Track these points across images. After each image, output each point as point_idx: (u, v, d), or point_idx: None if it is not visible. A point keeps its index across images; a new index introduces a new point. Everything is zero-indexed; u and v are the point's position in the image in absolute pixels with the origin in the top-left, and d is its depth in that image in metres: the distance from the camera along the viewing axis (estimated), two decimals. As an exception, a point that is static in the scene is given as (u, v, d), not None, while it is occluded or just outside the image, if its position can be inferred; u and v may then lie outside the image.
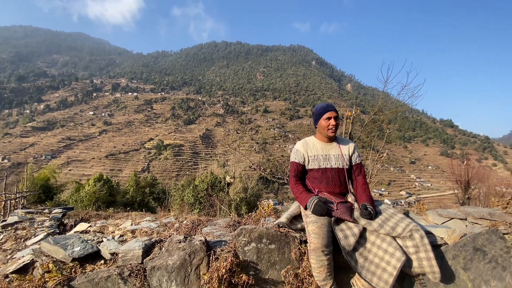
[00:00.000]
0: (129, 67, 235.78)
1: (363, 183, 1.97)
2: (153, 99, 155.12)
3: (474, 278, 1.83)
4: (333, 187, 1.94)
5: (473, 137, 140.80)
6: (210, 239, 1.89)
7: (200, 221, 2.17)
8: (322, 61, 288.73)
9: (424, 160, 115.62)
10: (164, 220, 2.28)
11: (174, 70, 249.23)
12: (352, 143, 2.09)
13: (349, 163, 2.03)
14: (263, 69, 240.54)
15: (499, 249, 1.87)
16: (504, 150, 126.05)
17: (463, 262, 1.82)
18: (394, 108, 6.34)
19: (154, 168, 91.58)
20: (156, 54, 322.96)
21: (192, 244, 1.66)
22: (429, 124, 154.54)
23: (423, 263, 1.60)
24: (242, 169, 33.58)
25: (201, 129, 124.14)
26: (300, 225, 1.91)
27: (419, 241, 1.62)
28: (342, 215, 1.74)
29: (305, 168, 2.02)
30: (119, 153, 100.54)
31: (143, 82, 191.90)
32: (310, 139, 2.11)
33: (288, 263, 1.74)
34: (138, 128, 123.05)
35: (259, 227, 1.72)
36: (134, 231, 2.04)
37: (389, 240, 1.66)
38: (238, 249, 1.70)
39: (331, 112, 1.95)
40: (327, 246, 1.58)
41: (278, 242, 1.74)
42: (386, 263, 1.60)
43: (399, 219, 1.74)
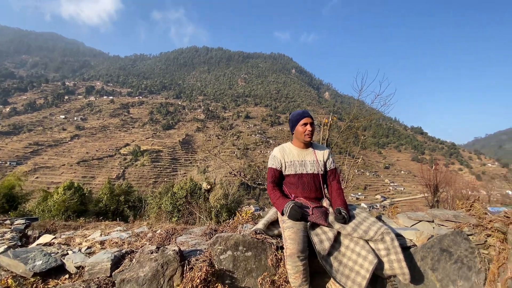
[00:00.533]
0: (105, 70, 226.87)
1: (338, 188, 2.02)
2: (130, 103, 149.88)
3: (442, 278, 1.92)
4: (309, 192, 1.98)
5: (441, 143, 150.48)
6: (184, 249, 1.83)
7: (175, 230, 2.09)
8: (302, 69, 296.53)
9: (397, 165, 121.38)
10: (136, 230, 2.17)
11: (153, 74, 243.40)
12: (327, 149, 2.14)
13: (324, 168, 2.08)
14: (245, 75, 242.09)
15: (464, 250, 1.98)
16: (468, 156, 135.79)
17: (431, 263, 1.90)
18: (368, 116, 6.62)
19: (130, 175, 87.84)
20: (134, 57, 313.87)
21: (165, 255, 1.60)
22: (401, 131, 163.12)
23: (393, 265, 1.66)
24: (223, 175, 33.21)
25: (180, 134, 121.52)
26: (277, 231, 1.91)
27: (390, 244, 1.68)
28: (317, 219, 1.77)
29: (282, 174, 2.05)
30: (92, 159, 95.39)
31: (119, 85, 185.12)
32: (287, 145, 2.14)
33: (265, 270, 1.72)
34: (113, 133, 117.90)
35: (235, 234, 1.69)
36: (103, 242, 1.93)
37: (362, 243, 1.71)
38: (214, 258, 1.66)
39: (307, 118, 1.99)
40: (303, 251, 1.59)
41: (255, 249, 1.72)
42: (360, 266, 1.64)
43: (371, 223, 1.79)
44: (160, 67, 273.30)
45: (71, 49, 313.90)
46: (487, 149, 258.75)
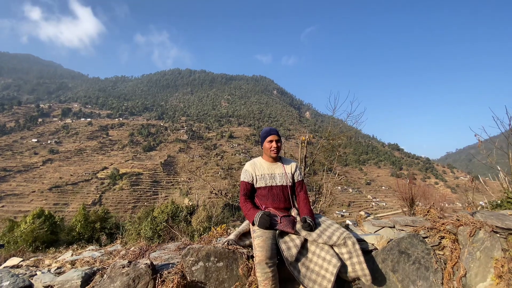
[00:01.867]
0: (83, 92, 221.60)
1: (304, 198, 2.18)
2: (110, 125, 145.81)
3: (403, 279, 2.07)
4: (278, 203, 2.12)
5: (416, 158, 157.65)
6: (157, 263, 1.86)
7: (149, 247, 2.11)
8: (283, 90, 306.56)
9: (378, 181, 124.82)
10: (109, 248, 2.17)
11: (134, 95, 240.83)
12: (294, 163, 2.32)
13: (292, 180, 2.24)
14: (228, 96, 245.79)
15: (420, 251, 2.16)
16: (442, 170, 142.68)
17: (391, 264, 2.06)
18: (342, 133, 7.03)
19: (107, 200, 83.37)
20: (115, 79, 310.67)
21: (137, 268, 1.63)
22: (379, 148, 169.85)
23: (356, 267, 1.79)
24: (206, 197, 32.47)
25: (162, 155, 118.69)
26: (248, 241, 2.00)
27: (352, 248, 1.82)
28: (285, 227, 1.89)
29: (254, 187, 2.18)
30: (66, 185, 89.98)
31: (98, 107, 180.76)
32: (257, 160, 2.30)
33: (236, 280, 1.79)
34: (90, 156, 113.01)
35: (206, 245, 1.77)
36: (74, 262, 1.91)
37: (327, 248, 1.84)
38: (186, 270, 1.71)
39: (272, 135, 2.18)
40: (271, 258, 1.69)
41: (226, 260, 1.79)
42: (325, 270, 1.76)
43: (335, 229, 1.94)
44: (142, 88, 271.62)
45: (48, 71, 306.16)
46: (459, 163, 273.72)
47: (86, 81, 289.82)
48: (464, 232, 2.20)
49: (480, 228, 2.17)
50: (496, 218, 2.26)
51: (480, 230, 2.16)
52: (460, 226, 2.26)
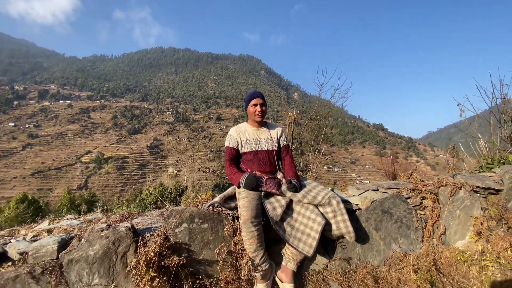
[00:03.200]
0: (60, 72, 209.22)
1: (290, 162, 2.15)
2: (91, 107, 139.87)
3: (385, 237, 2.13)
4: (264, 167, 2.08)
5: (400, 138, 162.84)
6: (139, 227, 1.80)
7: (131, 214, 2.04)
8: (271, 71, 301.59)
9: (362, 160, 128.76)
10: (89, 217, 2.08)
11: (115, 76, 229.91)
12: (280, 128, 2.27)
13: (278, 145, 2.20)
14: (214, 77, 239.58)
15: (402, 211, 2.21)
16: (424, 149, 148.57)
17: (374, 223, 2.10)
18: (328, 109, 7.02)
19: (93, 185, 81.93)
20: (94, 58, 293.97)
21: (116, 231, 1.57)
22: (364, 128, 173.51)
23: (340, 225, 1.81)
24: (195, 179, 32.58)
25: (148, 138, 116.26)
26: (234, 204, 1.97)
27: (336, 207, 1.83)
28: (270, 188, 1.86)
29: (239, 152, 2.12)
30: (49, 170, 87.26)
31: (77, 88, 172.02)
32: (242, 125, 2.22)
33: (222, 241, 1.77)
34: (72, 140, 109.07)
35: (190, 207, 1.72)
36: (51, 230, 1.82)
37: (312, 208, 1.83)
38: (169, 232, 1.67)
39: (257, 99, 2.09)
40: (256, 217, 1.67)
41: (211, 221, 1.76)
42: (310, 228, 1.76)
43: (320, 190, 1.93)
44: (123, 68, 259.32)
45: (20, 50, 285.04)
46: (439, 141, 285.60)
47: (63, 61, 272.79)
48: (445, 191, 2.26)
49: (460, 187, 2.23)
50: (477, 179, 2.33)
51: (461, 189, 2.22)
52: (441, 187, 2.32)
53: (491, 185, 2.23)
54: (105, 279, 1.53)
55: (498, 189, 2.22)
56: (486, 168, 3.30)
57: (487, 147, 3.54)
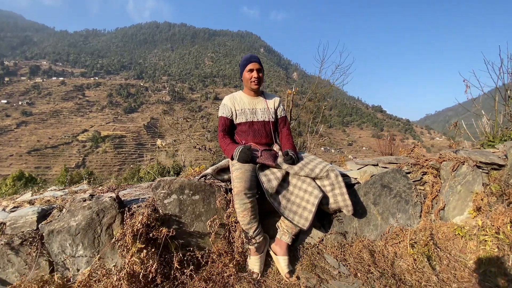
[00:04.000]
0: (51, 47, 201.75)
1: (287, 134, 2.03)
2: (85, 84, 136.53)
3: (383, 211, 2.07)
4: (260, 138, 1.96)
5: (397, 120, 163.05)
6: (126, 199, 1.71)
7: (119, 186, 1.95)
8: (270, 48, 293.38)
9: (359, 141, 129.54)
10: (74, 188, 1.98)
11: (109, 51, 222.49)
12: (277, 97, 2.12)
13: (275, 116, 2.06)
14: (211, 54, 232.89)
15: (402, 186, 2.14)
16: (420, 131, 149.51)
17: (373, 197, 2.03)
18: (329, 87, 6.81)
19: (91, 163, 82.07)
20: (86, 32, 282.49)
21: (100, 202, 1.47)
22: (363, 110, 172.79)
23: (337, 199, 1.73)
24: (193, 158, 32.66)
25: (145, 117, 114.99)
26: (227, 176, 1.87)
27: (334, 180, 1.74)
28: (265, 160, 1.75)
29: (233, 123, 1.99)
30: (46, 148, 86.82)
31: (70, 65, 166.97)
32: (237, 93, 2.07)
33: (214, 214, 1.69)
34: (67, 118, 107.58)
35: (179, 178, 1.61)
36: (33, 201, 1.73)
37: (309, 181, 1.74)
38: (157, 203, 1.57)
39: (253, 63, 1.92)
40: (250, 189, 1.57)
41: (203, 193, 1.66)
42: (306, 201, 1.68)
43: (318, 162, 1.83)
44: (117, 44, 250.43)
45: (8, 23, 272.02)
46: (436, 124, 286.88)
47: (53, 35, 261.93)
48: (447, 166, 2.17)
49: (463, 162, 2.15)
50: (480, 154, 2.25)
51: (463, 164, 2.14)
52: (443, 162, 2.24)
53: (494, 160, 2.15)
54: (90, 251, 1.46)
55: (501, 164, 2.14)
56: (488, 145, 3.22)
57: (489, 124, 3.44)
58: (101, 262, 1.44)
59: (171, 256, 1.52)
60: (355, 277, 1.67)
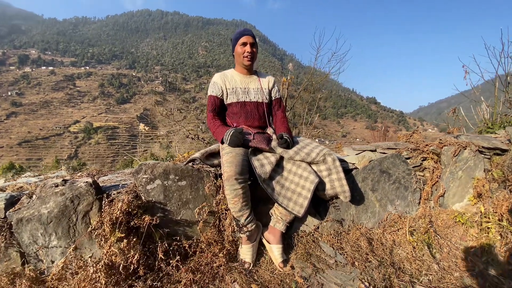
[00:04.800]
0: (40, 36, 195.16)
1: (282, 117, 1.90)
2: (76, 74, 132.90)
3: (381, 198, 1.97)
4: (252, 120, 1.82)
5: (391, 112, 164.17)
6: (106, 185, 1.57)
7: (100, 172, 1.81)
8: (265, 38, 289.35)
9: (353, 133, 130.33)
10: (51, 174, 1.84)
11: (99, 40, 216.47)
12: (272, 77, 1.97)
13: (269, 97, 1.92)
14: (205, 43, 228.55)
15: (402, 171, 2.04)
16: (413, 123, 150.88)
17: (371, 183, 1.93)
18: (323, 77, 6.67)
19: (83, 155, 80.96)
20: (75, 20, 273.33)
21: (75, 187, 1.33)
22: (357, 101, 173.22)
23: (334, 184, 1.62)
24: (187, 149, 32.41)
25: (138, 108, 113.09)
26: (217, 161, 1.74)
27: (331, 164, 1.62)
28: (258, 144, 1.63)
29: (224, 103, 1.84)
30: (37, 139, 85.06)
31: (60, 54, 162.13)
32: (229, 71, 1.92)
33: (203, 201, 1.57)
34: (58, 109, 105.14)
35: (163, 162, 1.48)
36: (4, 188, 1.57)
37: (304, 165, 1.63)
38: (139, 189, 1.44)
39: (247, 36, 1.76)
40: (241, 173, 1.45)
41: (190, 178, 1.53)
42: (301, 187, 1.57)
43: (314, 146, 1.72)
44: (108, 32, 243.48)
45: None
46: (429, 116, 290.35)
47: (42, 23, 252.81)
48: (448, 151, 2.08)
49: (465, 147, 2.05)
50: (482, 138, 2.16)
51: (465, 149, 2.05)
52: (444, 147, 2.15)
53: (498, 145, 2.06)
54: (65, 241, 1.32)
55: (504, 149, 2.06)
56: (486, 132, 3.15)
57: (488, 111, 3.37)
58: (77, 253, 1.32)
59: (156, 246, 1.40)
60: (353, 266, 1.58)
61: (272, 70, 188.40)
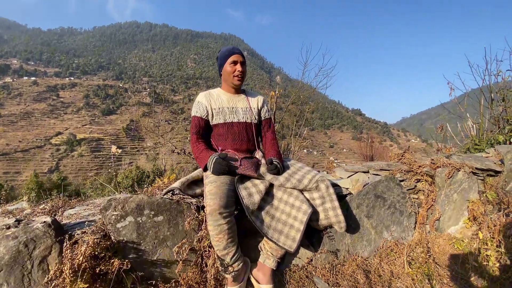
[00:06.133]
0: (23, 45, 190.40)
1: (272, 139, 1.78)
2: (59, 85, 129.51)
3: (377, 225, 1.86)
4: (240, 143, 1.68)
5: (376, 123, 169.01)
6: (70, 221, 1.37)
7: (66, 202, 1.60)
8: (253, 52, 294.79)
9: (340, 144, 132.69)
10: (10, 207, 1.61)
11: (85, 51, 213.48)
12: (261, 96, 1.86)
13: (258, 117, 1.80)
14: (194, 56, 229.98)
15: (396, 195, 1.95)
16: (397, 133, 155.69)
17: (366, 210, 1.82)
18: (312, 90, 6.73)
19: (65, 168, 77.85)
20: (61, 31, 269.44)
21: (30, 229, 1.13)
22: (343, 113, 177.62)
23: (329, 214, 1.49)
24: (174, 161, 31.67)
25: (124, 120, 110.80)
26: (199, 190, 1.58)
27: (325, 192, 1.50)
28: (246, 170, 1.49)
29: (209, 124, 1.70)
30: (15, 152, 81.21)
31: (43, 64, 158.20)
32: (215, 90, 1.79)
33: (183, 237, 1.40)
34: (40, 120, 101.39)
35: (137, 195, 1.30)
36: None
37: (296, 193, 1.50)
38: (108, 228, 1.25)
39: (237, 55, 1.65)
40: (226, 207, 1.29)
41: (168, 212, 1.37)
42: (293, 218, 1.43)
43: (306, 172, 1.59)
44: (95, 44, 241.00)
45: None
46: (411, 127, 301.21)
47: (25, 33, 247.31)
48: (442, 173, 2.02)
49: (459, 169, 2.00)
50: (475, 159, 2.11)
51: (459, 171, 1.99)
52: (438, 168, 2.08)
53: (491, 166, 2.02)
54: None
55: (498, 171, 2.02)
56: (474, 149, 3.16)
57: (475, 127, 3.40)
58: (30, 308, 1.10)
59: (127, 293, 1.21)
60: (350, 305, 1.44)
61: (260, 83, 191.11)
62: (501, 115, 3.13)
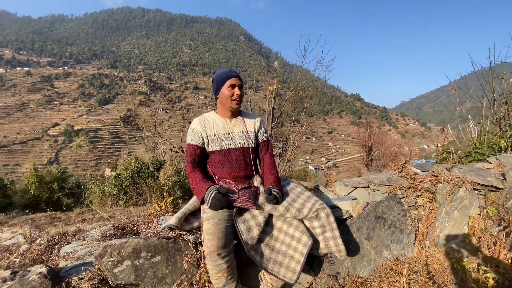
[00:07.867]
0: (14, 35, 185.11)
1: (270, 162, 1.73)
2: (54, 75, 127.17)
3: (377, 245, 1.85)
4: (237, 170, 1.64)
5: (375, 108, 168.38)
6: (66, 264, 1.35)
7: (62, 237, 1.57)
8: (250, 36, 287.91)
9: (339, 129, 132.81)
10: (7, 242, 1.59)
11: (78, 39, 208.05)
12: (259, 118, 1.80)
13: (255, 140, 1.75)
14: (190, 42, 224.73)
15: (396, 214, 1.93)
16: (396, 118, 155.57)
17: (366, 232, 1.81)
18: (311, 82, 6.61)
19: (65, 159, 77.87)
20: (51, 18, 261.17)
21: (26, 281, 1.11)
22: (342, 98, 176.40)
23: (329, 243, 1.48)
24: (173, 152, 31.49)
25: (121, 109, 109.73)
26: (197, 223, 1.56)
27: (325, 220, 1.48)
28: (244, 203, 1.46)
29: (205, 151, 1.65)
30: (13, 144, 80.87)
31: (36, 54, 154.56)
32: (209, 115, 1.72)
33: (182, 273, 1.38)
34: (36, 111, 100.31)
35: (133, 239, 1.27)
36: None
37: (296, 223, 1.48)
38: (105, 273, 1.24)
39: (235, 78, 1.58)
40: (225, 247, 1.27)
41: (165, 252, 1.35)
42: (294, 249, 1.42)
43: (306, 199, 1.57)
44: (87, 31, 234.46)
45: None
46: (410, 111, 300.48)
47: (15, 21, 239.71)
48: (443, 190, 1.99)
49: (460, 186, 1.97)
50: (476, 174, 2.08)
51: (461, 188, 1.97)
52: (438, 184, 2.06)
53: (492, 182, 1.99)
54: None
55: (499, 187, 2.00)
56: (474, 153, 3.12)
57: (476, 130, 3.35)
58: None
59: (127, 336, 1.21)
60: (350, 333, 1.45)
61: (258, 69, 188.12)
62: (503, 117, 3.08)
